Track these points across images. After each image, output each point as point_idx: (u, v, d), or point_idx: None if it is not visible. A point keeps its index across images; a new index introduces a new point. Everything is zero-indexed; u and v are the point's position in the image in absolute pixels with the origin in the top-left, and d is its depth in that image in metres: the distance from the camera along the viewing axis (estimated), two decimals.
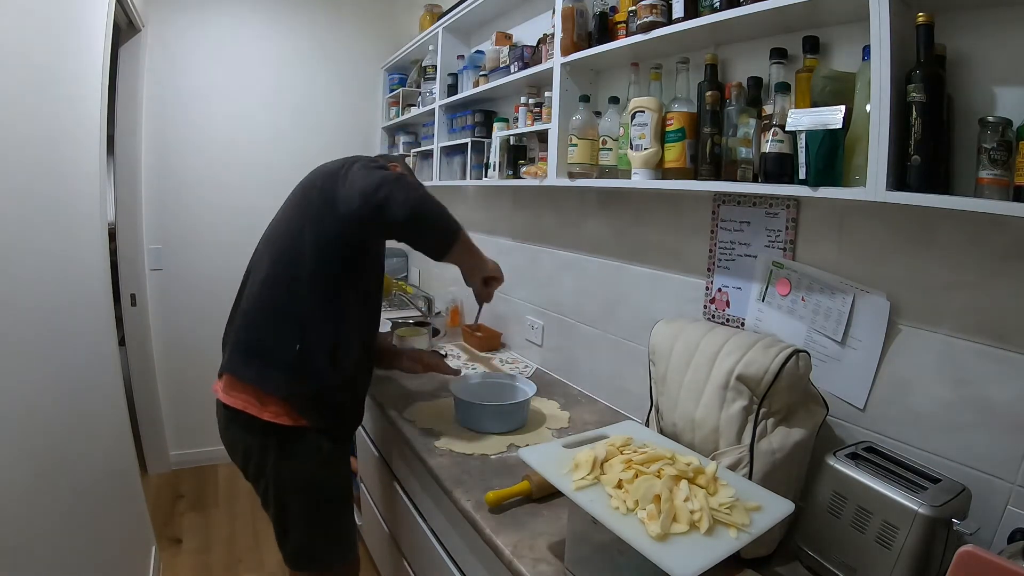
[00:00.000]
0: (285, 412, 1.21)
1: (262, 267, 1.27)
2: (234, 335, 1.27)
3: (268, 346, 1.21)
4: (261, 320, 1.23)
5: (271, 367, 1.20)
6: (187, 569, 2.14)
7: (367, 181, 1.11)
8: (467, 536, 1.17)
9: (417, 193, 1.14)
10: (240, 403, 1.21)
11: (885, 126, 0.80)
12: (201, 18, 2.66)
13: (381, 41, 3.06)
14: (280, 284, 1.22)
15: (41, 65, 1.23)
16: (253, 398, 1.21)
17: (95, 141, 1.69)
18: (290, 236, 1.24)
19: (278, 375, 1.20)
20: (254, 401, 1.21)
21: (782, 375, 0.95)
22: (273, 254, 1.26)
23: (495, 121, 1.94)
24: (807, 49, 1.03)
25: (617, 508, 0.79)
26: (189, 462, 2.84)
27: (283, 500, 1.26)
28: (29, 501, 1.03)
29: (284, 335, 1.20)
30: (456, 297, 2.54)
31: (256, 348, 1.22)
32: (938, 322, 0.93)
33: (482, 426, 1.42)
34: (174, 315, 2.76)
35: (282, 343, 1.20)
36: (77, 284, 1.47)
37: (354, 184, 1.12)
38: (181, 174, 2.71)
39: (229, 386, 1.25)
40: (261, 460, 1.24)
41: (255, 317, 1.24)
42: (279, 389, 1.20)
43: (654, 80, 1.30)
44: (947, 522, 0.77)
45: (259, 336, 1.23)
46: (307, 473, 1.26)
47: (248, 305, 1.27)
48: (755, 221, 1.22)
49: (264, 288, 1.24)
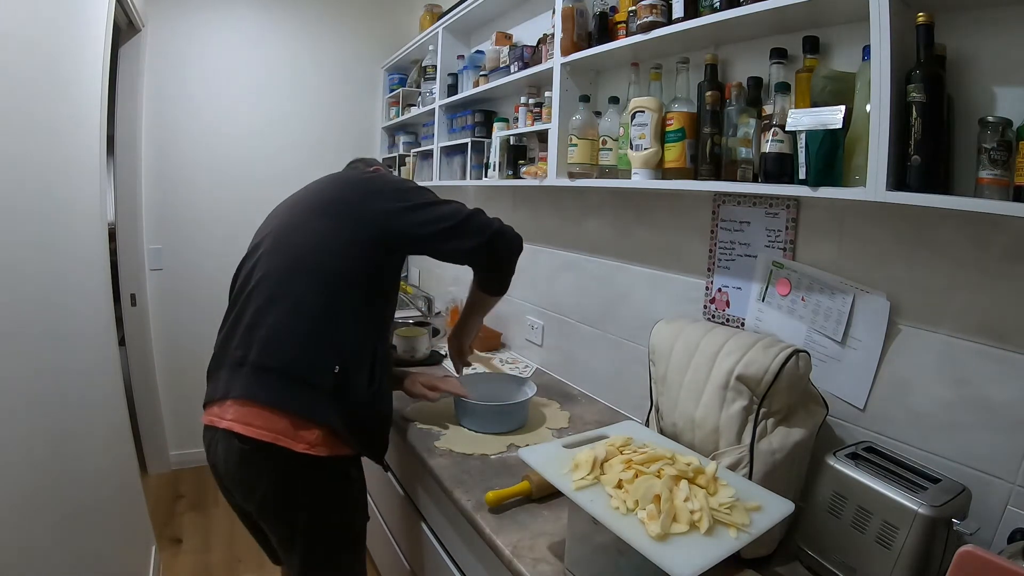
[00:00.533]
0: (321, 441, 1.10)
1: (281, 284, 1.16)
2: (247, 357, 1.12)
3: (301, 369, 1.10)
4: (290, 341, 1.12)
5: (305, 391, 1.09)
6: (187, 569, 2.14)
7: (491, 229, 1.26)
8: (467, 536, 1.17)
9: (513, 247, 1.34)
10: (269, 435, 1.07)
11: (885, 126, 0.80)
12: (201, 18, 2.66)
13: (381, 41, 3.06)
14: (316, 304, 1.13)
15: (41, 65, 1.23)
16: (285, 427, 1.08)
17: (95, 141, 1.69)
18: (327, 253, 1.17)
19: (314, 399, 1.10)
20: (287, 430, 1.08)
21: (782, 375, 0.95)
22: (302, 272, 1.16)
23: (495, 121, 1.94)
24: (807, 49, 1.03)
25: (617, 508, 0.79)
26: (189, 462, 2.84)
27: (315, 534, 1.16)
28: (29, 501, 1.02)
29: (321, 356, 1.12)
30: (456, 297, 2.54)
31: (285, 371, 1.10)
32: (938, 322, 0.93)
33: (482, 426, 1.42)
34: (174, 315, 2.76)
35: (319, 365, 1.11)
36: (77, 284, 1.47)
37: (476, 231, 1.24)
38: (181, 174, 2.71)
39: (247, 416, 1.09)
40: (290, 494, 1.12)
41: (282, 338, 1.12)
42: (315, 414, 1.09)
43: (654, 80, 1.30)
44: (947, 522, 0.77)
45: (289, 358, 1.11)
46: (340, 506, 1.19)
47: (267, 323, 1.13)
48: (755, 221, 1.22)
49: (294, 307, 1.13)
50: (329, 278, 1.16)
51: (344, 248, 1.18)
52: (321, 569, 1.19)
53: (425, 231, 1.21)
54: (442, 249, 1.25)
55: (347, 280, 1.17)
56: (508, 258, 1.34)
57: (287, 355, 1.11)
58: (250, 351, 1.13)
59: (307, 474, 1.11)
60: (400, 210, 1.21)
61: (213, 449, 1.16)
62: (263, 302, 1.16)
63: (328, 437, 1.11)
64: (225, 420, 1.10)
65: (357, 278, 1.18)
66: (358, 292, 1.18)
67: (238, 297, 1.22)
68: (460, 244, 1.23)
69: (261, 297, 1.16)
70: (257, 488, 1.13)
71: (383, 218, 1.19)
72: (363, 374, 1.16)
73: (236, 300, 1.23)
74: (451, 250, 1.25)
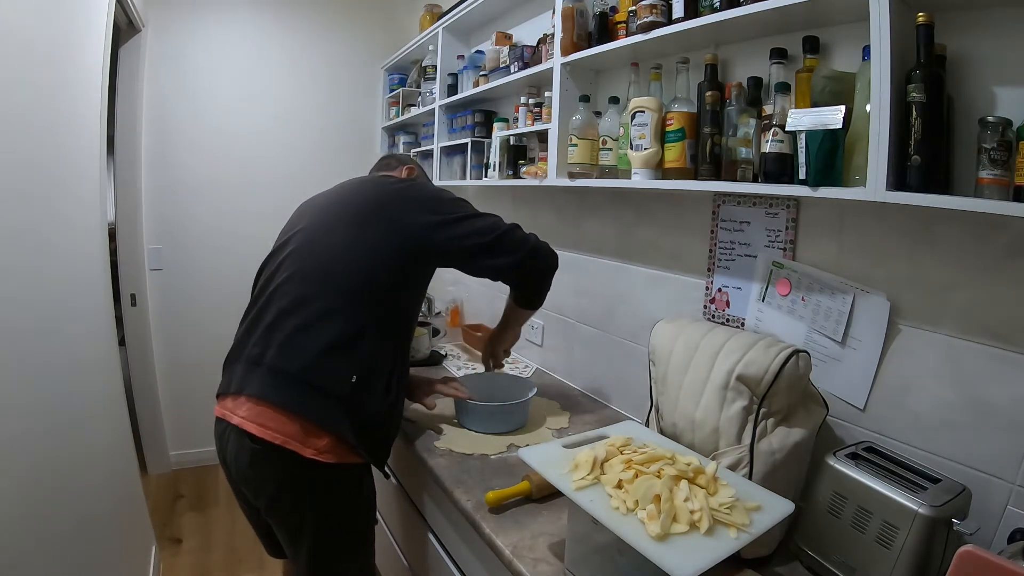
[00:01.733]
0: (330, 448, 1.09)
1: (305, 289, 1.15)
2: (264, 357, 1.12)
3: (317, 377, 1.09)
4: (309, 348, 1.10)
5: (319, 398, 1.08)
6: (187, 569, 2.14)
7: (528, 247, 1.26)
8: (467, 536, 1.17)
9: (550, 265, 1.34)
10: (279, 438, 1.06)
11: (885, 126, 0.80)
12: (201, 18, 2.66)
13: (381, 41, 3.06)
14: (338, 314, 1.12)
15: (41, 65, 1.23)
16: (295, 432, 1.07)
17: (95, 141, 1.69)
18: (355, 263, 1.15)
19: (327, 407, 1.08)
20: (297, 434, 1.07)
21: (782, 375, 0.95)
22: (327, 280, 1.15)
23: (495, 121, 1.94)
24: (807, 49, 1.03)
25: (617, 508, 0.79)
26: (189, 462, 2.84)
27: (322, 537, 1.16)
28: (29, 501, 1.02)
29: (339, 366, 1.10)
30: (456, 297, 2.54)
31: (301, 377, 1.09)
32: (938, 322, 0.93)
33: (482, 426, 1.42)
34: (174, 315, 2.76)
35: (336, 374, 1.10)
36: (77, 284, 1.47)
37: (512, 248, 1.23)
38: (181, 174, 2.71)
39: (259, 416, 1.09)
40: (298, 496, 1.12)
41: (302, 344, 1.11)
42: (326, 422, 1.08)
43: (654, 80, 1.30)
44: (947, 522, 0.77)
45: (306, 365, 1.09)
46: (349, 510, 1.18)
47: (287, 327, 1.12)
48: (755, 221, 1.22)
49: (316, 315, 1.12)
50: (355, 288, 1.14)
51: (372, 259, 1.16)
52: (327, 571, 1.19)
53: (457, 246, 1.20)
54: (474, 265, 1.24)
55: (372, 292, 1.15)
56: (541, 278, 1.34)
57: (304, 361, 1.09)
58: (267, 351, 1.12)
59: (314, 478, 1.10)
60: (434, 224, 1.19)
61: (224, 443, 1.15)
62: (286, 304, 1.14)
63: (337, 445, 1.10)
64: (237, 416, 1.11)
65: (383, 290, 1.16)
66: (383, 304, 1.17)
67: (260, 294, 1.22)
68: (493, 261, 1.22)
69: (284, 299, 1.15)
70: (266, 487, 1.13)
71: (416, 230, 1.18)
72: (380, 383, 1.15)
73: (259, 297, 1.22)
74: (483, 267, 1.25)
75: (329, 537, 1.17)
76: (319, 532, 1.16)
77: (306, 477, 1.10)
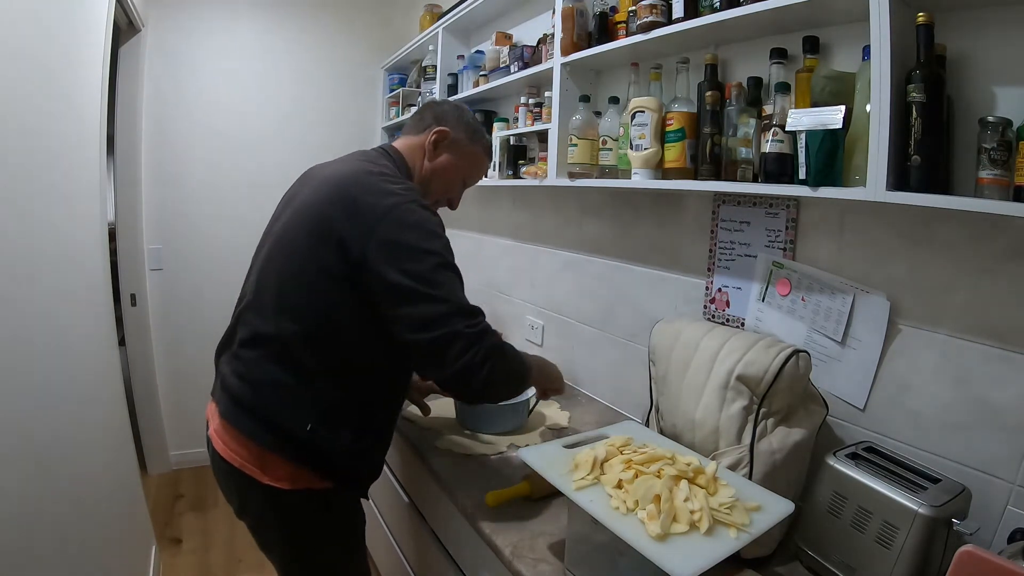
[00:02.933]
0: (289, 476, 1.01)
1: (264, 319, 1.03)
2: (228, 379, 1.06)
3: (272, 414, 1.00)
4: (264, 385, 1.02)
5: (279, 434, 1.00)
6: (187, 569, 2.14)
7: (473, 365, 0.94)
8: (467, 536, 1.16)
9: (509, 383, 1.07)
10: (238, 460, 1.02)
11: (885, 126, 0.80)
12: (201, 18, 2.66)
13: (381, 41, 3.06)
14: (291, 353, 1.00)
15: (41, 65, 1.23)
16: (253, 458, 1.01)
17: (95, 141, 1.69)
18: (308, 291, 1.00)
19: (285, 440, 1.00)
20: (255, 460, 1.01)
21: (782, 375, 0.95)
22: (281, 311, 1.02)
23: (495, 121, 1.94)
24: (807, 49, 1.03)
25: (617, 508, 0.79)
26: (189, 462, 2.84)
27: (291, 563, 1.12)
28: (29, 501, 1.02)
29: (293, 410, 1.00)
30: None
31: (260, 413, 1.01)
32: (938, 322, 0.93)
33: (482, 426, 1.42)
34: (174, 315, 2.76)
35: (291, 417, 1.00)
36: (77, 284, 1.47)
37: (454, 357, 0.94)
38: (181, 174, 2.71)
39: (223, 433, 1.04)
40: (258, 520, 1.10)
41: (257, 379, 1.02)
42: (286, 453, 1.00)
43: (654, 80, 1.30)
44: (947, 522, 0.77)
45: (261, 402, 1.01)
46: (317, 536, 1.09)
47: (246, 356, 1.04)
48: (755, 221, 1.22)
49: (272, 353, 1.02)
50: (310, 329, 1.00)
51: (327, 293, 0.99)
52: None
53: (400, 324, 0.97)
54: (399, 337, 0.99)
55: (330, 333, 1.00)
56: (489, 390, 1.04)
57: (262, 399, 1.01)
58: (231, 374, 1.05)
59: (274, 504, 1.04)
60: (391, 286, 0.95)
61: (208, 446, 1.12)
62: (246, 335, 1.06)
63: (298, 473, 1.01)
64: (212, 425, 1.09)
65: (342, 330, 1.00)
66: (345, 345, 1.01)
67: (238, 304, 1.15)
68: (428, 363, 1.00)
69: (245, 329, 1.07)
70: (232, 501, 1.11)
71: (373, 278, 0.96)
72: (346, 430, 1.03)
73: (238, 303, 1.15)
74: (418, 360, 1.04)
75: (303, 561, 1.11)
76: (286, 559, 1.12)
77: (267, 502, 1.04)
